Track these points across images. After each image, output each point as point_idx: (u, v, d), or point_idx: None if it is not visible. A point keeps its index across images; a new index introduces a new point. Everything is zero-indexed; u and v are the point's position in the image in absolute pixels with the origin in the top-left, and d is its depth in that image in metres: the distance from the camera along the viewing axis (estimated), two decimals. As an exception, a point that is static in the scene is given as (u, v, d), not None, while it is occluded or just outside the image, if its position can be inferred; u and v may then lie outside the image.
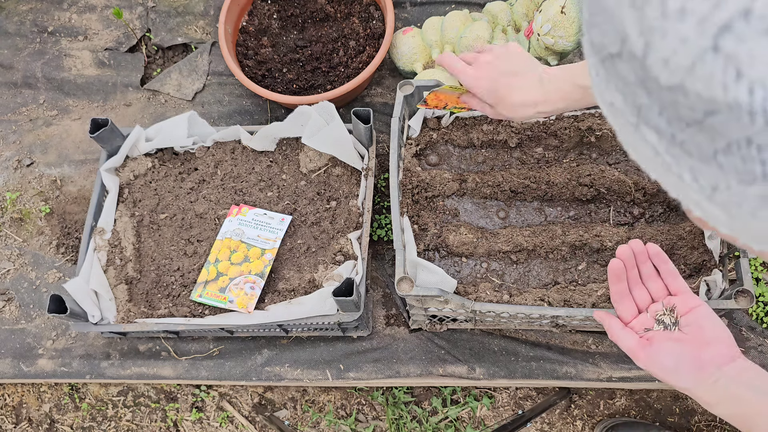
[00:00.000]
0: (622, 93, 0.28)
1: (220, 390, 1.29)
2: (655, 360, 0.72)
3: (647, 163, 0.31)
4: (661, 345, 0.72)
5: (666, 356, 0.71)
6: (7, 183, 1.35)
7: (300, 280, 1.08)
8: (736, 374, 0.69)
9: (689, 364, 0.70)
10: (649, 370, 0.72)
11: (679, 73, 0.24)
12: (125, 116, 1.38)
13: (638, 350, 0.73)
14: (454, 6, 1.39)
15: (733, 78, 0.23)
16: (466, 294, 0.97)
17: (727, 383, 0.69)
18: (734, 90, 0.23)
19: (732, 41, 0.23)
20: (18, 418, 1.30)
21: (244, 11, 1.35)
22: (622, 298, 0.79)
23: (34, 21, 1.49)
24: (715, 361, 0.70)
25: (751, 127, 0.24)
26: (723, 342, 0.71)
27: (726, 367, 0.69)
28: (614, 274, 0.78)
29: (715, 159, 0.26)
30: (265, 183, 1.18)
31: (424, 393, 1.25)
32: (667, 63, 0.25)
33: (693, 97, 0.25)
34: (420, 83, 1.04)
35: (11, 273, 1.27)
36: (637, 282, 0.80)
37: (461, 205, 1.08)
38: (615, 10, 0.26)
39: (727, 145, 0.25)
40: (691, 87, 0.24)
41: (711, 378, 0.69)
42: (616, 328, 0.77)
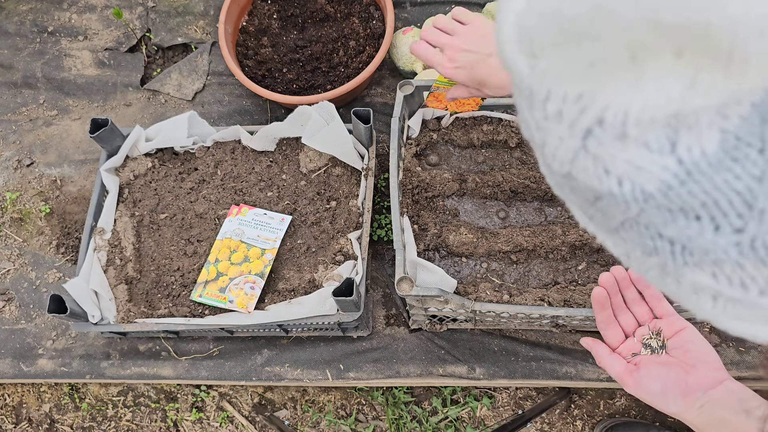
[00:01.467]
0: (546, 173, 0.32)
1: (220, 390, 1.29)
2: (642, 385, 0.72)
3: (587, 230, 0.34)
4: (648, 370, 0.72)
5: (653, 381, 0.71)
6: (7, 183, 1.35)
7: (300, 280, 1.08)
8: (722, 397, 0.69)
9: (676, 389, 0.70)
10: (637, 395, 0.72)
11: (566, 164, 0.28)
12: (125, 116, 1.38)
13: (626, 376, 0.73)
14: (454, 6, 1.39)
15: (603, 172, 0.26)
16: (466, 294, 0.97)
17: (713, 407, 0.69)
18: (606, 182, 0.27)
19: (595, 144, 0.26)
20: (18, 418, 1.30)
21: (244, 11, 1.35)
22: (608, 325, 0.79)
23: (34, 21, 1.49)
24: (702, 384, 0.70)
25: (629, 211, 0.27)
26: (709, 365, 0.71)
27: (712, 391, 0.69)
28: (598, 302, 0.79)
29: (618, 233, 0.30)
30: (265, 183, 1.18)
31: (424, 393, 1.25)
32: (555, 156, 0.28)
33: (582, 184, 0.28)
34: (420, 83, 1.04)
35: (11, 273, 1.27)
36: (622, 307, 0.80)
37: (461, 205, 1.08)
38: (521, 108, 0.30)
39: (621, 224, 0.29)
40: (577, 176, 0.28)
41: (698, 402, 0.69)
42: (603, 355, 0.77)
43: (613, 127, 0.25)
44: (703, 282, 0.28)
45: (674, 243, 0.27)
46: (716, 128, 0.24)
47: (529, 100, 0.28)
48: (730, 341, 1.09)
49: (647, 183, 0.26)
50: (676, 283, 0.30)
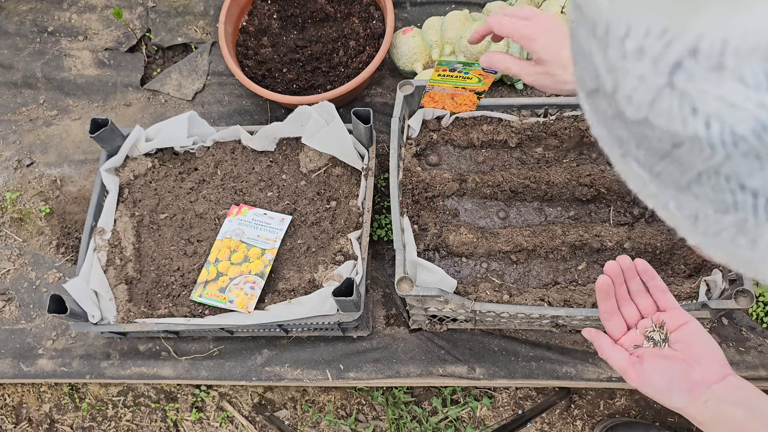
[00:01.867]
0: (606, 127, 0.30)
1: (220, 390, 1.29)
2: (646, 379, 0.71)
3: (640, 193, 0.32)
4: (652, 363, 0.72)
5: (657, 375, 0.71)
6: (7, 183, 1.35)
7: (300, 280, 1.08)
8: (726, 393, 0.68)
9: (680, 384, 0.70)
10: (640, 388, 0.72)
11: (643, 108, 0.26)
12: (125, 116, 1.38)
13: (629, 368, 0.73)
14: (454, 6, 1.39)
15: (690, 113, 0.24)
16: (466, 294, 0.97)
17: (717, 403, 0.68)
18: (692, 124, 0.24)
19: (684, 78, 0.24)
20: (18, 418, 1.30)
21: (244, 11, 1.35)
22: (611, 316, 0.78)
23: (34, 21, 1.49)
24: (706, 379, 0.69)
25: (713, 159, 0.25)
26: (714, 359, 0.71)
27: (716, 386, 0.69)
28: (602, 291, 0.78)
29: (689, 189, 0.27)
30: (265, 183, 1.18)
31: (424, 393, 1.25)
32: (631, 100, 0.26)
33: (658, 131, 0.26)
34: (420, 83, 1.04)
35: (11, 273, 1.27)
36: (626, 298, 0.79)
37: (461, 205, 1.08)
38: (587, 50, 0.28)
39: (697, 176, 0.27)
40: (655, 121, 0.26)
41: (702, 397, 0.69)
42: (606, 346, 0.76)
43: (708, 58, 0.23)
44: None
45: (758, 196, 0.25)
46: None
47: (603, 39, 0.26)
48: (730, 341, 1.09)
49: (739, 123, 0.23)
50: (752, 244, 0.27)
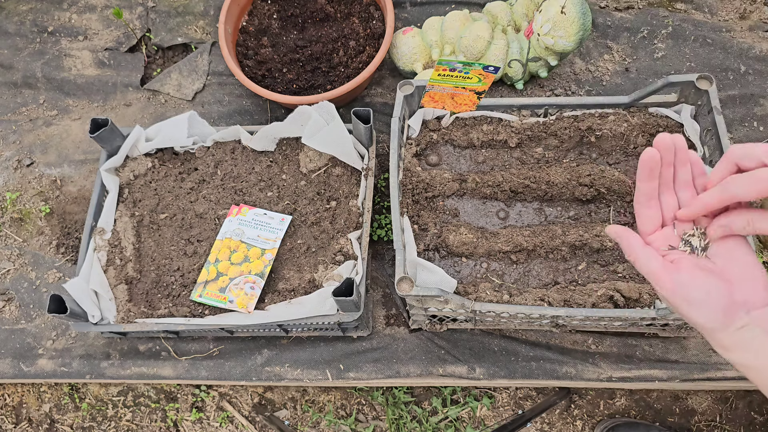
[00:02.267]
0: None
1: (220, 390, 1.29)
2: (682, 290, 0.62)
3: None
4: (690, 274, 0.62)
5: (695, 289, 0.62)
6: (7, 183, 1.35)
7: (300, 280, 1.08)
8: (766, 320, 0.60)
9: (718, 302, 0.61)
10: (671, 299, 0.63)
11: None
12: (125, 116, 1.38)
13: (663, 274, 0.62)
14: (454, 6, 1.39)
15: None
16: (466, 294, 0.97)
17: (754, 331, 0.61)
18: None
19: None
20: (18, 418, 1.30)
21: (244, 11, 1.35)
22: (649, 201, 0.67)
23: (34, 21, 1.49)
24: (748, 303, 0.61)
25: None
26: (758, 282, 0.62)
27: (756, 312, 0.61)
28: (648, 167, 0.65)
29: None
30: (265, 183, 1.18)
31: (424, 393, 1.25)
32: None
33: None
34: (420, 83, 1.04)
35: (11, 273, 1.27)
36: (669, 185, 0.67)
37: (461, 205, 1.08)
38: None
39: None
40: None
41: (738, 322, 0.61)
42: (636, 246, 0.65)
43: None
44: None
45: None
46: None
47: None
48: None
49: None
50: None
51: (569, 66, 1.32)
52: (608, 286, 0.96)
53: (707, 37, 1.32)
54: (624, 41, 1.34)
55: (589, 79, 1.31)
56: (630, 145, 1.07)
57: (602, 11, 1.37)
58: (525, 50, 1.22)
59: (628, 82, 1.30)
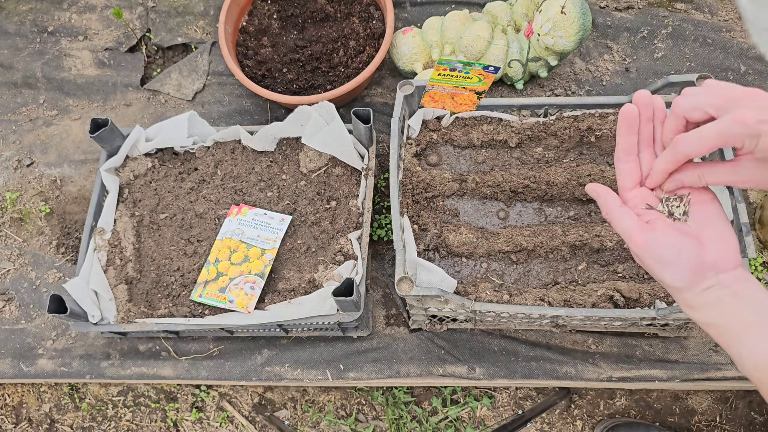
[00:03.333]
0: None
1: (220, 390, 1.29)
2: (653, 249, 0.63)
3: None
4: (663, 233, 0.64)
5: (666, 248, 0.63)
6: (7, 183, 1.35)
7: (300, 280, 1.08)
8: (733, 283, 0.63)
9: (688, 263, 0.63)
10: (642, 257, 0.64)
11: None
12: (125, 116, 1.38)
13: (636, 233, 0.64)
14: (454, 6, 1.39)
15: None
16: (466, 294, 0.97)
17: (720, 292, 0.62)
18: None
19: None
20: (18, 418, 1.30)
21: (244, 11, 1.35)
22: (628, 156, 0.68)
23: (34, 21, 1.49)
24: (717, 265, 0.63)
25: None
26: (729, 246, 0.64)
27: (725, 275, 0.63)
28: (626, 121, 0.67)
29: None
30: (265, 183, 1.18)
31: (424, 393, 1.25)
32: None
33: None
34: (420, 83, 1.04)
35: (11, 273, 1.27)
36: (649, 143, 0.68)
37: (461, 205, 1.08)
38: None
39: None
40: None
41: (706, 282, 0.63)
42: (613, 205, 0.67)
43: None
44: None
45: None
46: None
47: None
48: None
49: None
50: None
51: (569, 66, 1.32)
52: (608, 286, 0.96)
53: (707, 37, 1.32)
54: (624, 41, 1.34)
55: (589, 79, 1.31)
56: (630, 145, 1.07)
57: (602, 11, 1.37)
58: (525, 50, 1.22)
59: (628, 82, 1.30)
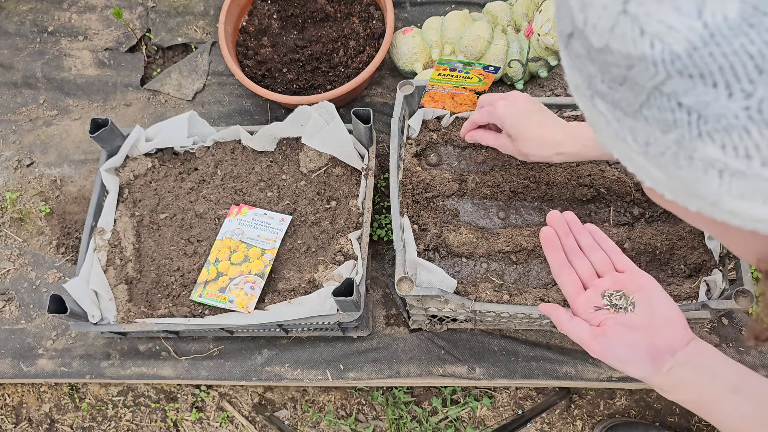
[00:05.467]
0: (578, 69, 0.35)
1: (220, 390, 1.29)
2: (609, 350, 0.69)
3: (606, 137, 0.37)
4: (615, 334, 0.69)
5: (620, 347, 0.68)
6: (7, 183, 1.35)
7: (300, 280, 1.08)
8: (689, 359, 0.67)
9: (644, 353, 0.68)
10: (604, 359, 0.69)
11: (605, 34, 0.31)
12: (125, 116, 1.38)
13: (591, 341, 0.70)
14: (454, 6, 1.39)
15: (639, 34, 0.30)
16: (466, 294, 0.97)
17: (680, 370, 0.67)
18: (640, 44, 0.30)
19: (635, 5, 0.30)
20: (18, 418, 1.30)
21: (244, 11, 1.35)
22: (562, 269, 0.75)
23: (34, 21, 1.49)
24: (670, 347, 0.67)
25: (657, 76, 0.30)
26: (676, 325, 0.68)
27: (680, 353, 0.67)
28: (547, 241, 0.74)
29: (641, 112, 0.33)
30: (265, 183, 1.18)
31: (424, 393, 1.25)
32: (596, 28, 0.32)
33: (616, 54, 0.31)
34: (420, 83, 1.04)
35: (11, 273, 1.27)
36: (576, 251, 0.76)
37: (461, 205, 1.08)
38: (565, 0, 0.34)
39: (647, 98, 0.32)
40: (613, 46, 0.31)
41: (666, 366, 0.67)
42: (564, 320, 0.73)
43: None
44: (713, 155, 0.31)
45: (691, 112, 0.30)
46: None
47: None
48: (730, 341, 1.09)
49: (676, 43, 0.29)
50: (689, 160, 0.32)
51: (569, 66, 1.32)
52: None
53: (707, 37, 1.32)
54: (624, 41, 1.34)
55: (589, 79, 1.31)
56: (630, 145, 1.06)
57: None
58: (525, 50, 1.22)
59: (628, 82, 1.30)
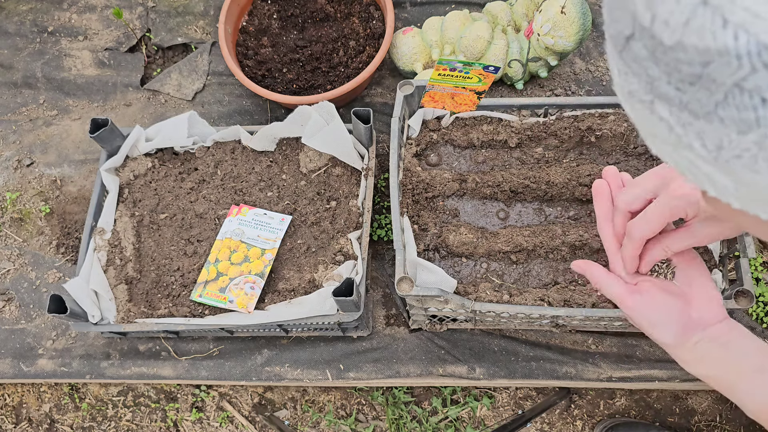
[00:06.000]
0: (637, 74, 0.33)
1: (220, 390, 1.29)
2: (642, 310, 0.69)
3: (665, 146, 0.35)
4: (651, 296, 0.69)
5: (655, 310, 0.68)
6: (7, 183, 1.35)
7: (300, 280, 1.08)
8: (720, 335, 0.67)
9: (676, 321, 0.67)
10: (634, 318, 0.69)
11: (678, 29, 0.29)
12: (125, 116, 1.38)
13: (626, 297, 0.69)
14: (454, 6, 1.39)
15: (720, 26, 0.27)
16: (466, 294, 0.97)
17: (709, 344, 0.66)
18: (722, 37, 0.27)
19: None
20: (18, 418, 1.30)
21: (244, 11, 1.35)
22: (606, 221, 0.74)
23: (34, 21, 1.49)
24: (703, 321, 0.67)
25: (739, 71, 0.28)
26: (713, 301, 0.68)
27: (711, 328, 0.67)
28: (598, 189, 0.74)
29: (716, 113, 0.30)
30: (265, 183, 1.18)
31: (424, 393, 1.25)
32: (668, 23, 0.29)
33: (691, 51, 0.29)
34: (420, 83, 1.04)
35: (11, 273, 1.27)
36: None
37: (461, 205, 1.08)
38: None
39: (724, 97, 0.29)
40: (688, 41, 0.29)
41: (695, 338, 0.67)
42: (601, 274, 0.72)
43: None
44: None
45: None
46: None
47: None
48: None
49: (763, 33, 0.26)
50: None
51: (569, 66, 1.32)
52: None
53: (707, 37, 1.32)
54: (624, 41, 1.34)
55: (589, 79, 1.31)
56: (630, 145, 1.07)
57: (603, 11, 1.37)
58: (525, 50, 1.22)
59: (628, 82, 1.30)
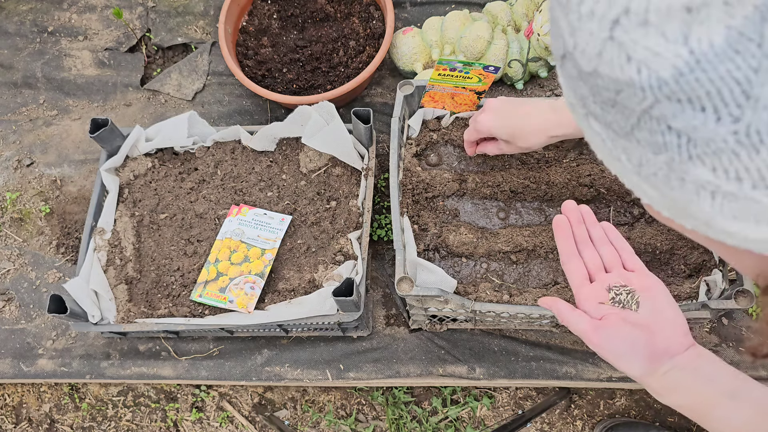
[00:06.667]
0: (573, 90, 0.35)
1: (220, 390, 1.29)
2: (607, 343, 0.68)
3: (602, 155, 0.37)
4: (615, 328, 0.69)
5: (620, 342, 0.68)
6: (7, 183, 1.35)
7: (300, 280, 1.08)
8: (688, 362, 0.67)
9: (642, 351, 0.67)
10: (601, 353, 0.69)
11: (593, 60, 0.31)
12: (125, 116, 1.38)
13: (591, 332, 0.69)
14: (454, 6, 1.39)
15: (625, 61, 0.30)
16: (466, 294, 0.97)
17: (678, 374, 0.66)
18: (627, 70, 0.30)
19: (620, 32, 0.30)
20: (18, 418, 1.30)
21: (244, 11, 1.35)
22: (570, 257, 0.75)
23: (34, 21, 1.49)
24: (670, 350, 0.67)
25: (644, 101, 0.30)
26: (679, 328, 0.68)
27: (678, 357, 0.67)
28: (559, 228, 0.75)
29: (633, 135, 0.33)
30: (265, 183, 1.18)
31: (424, 393, 1.25)
32: (584, 53, 0.32)
33: (606, 78, 0.31)
34: (420, 83, 1.04)
35: (11, 273, 1.27)
36: (587, 242, 0.76)
37: (461, 205, 1.08)
38: (557, 21, 0.34)
39: (637, 121, 0.32)
40: (602, 71, 0.31)
41: (663, 368, 0.67)
42: (565, 310, 0.72)
43: (636, 15, 0.29)
44: (704, 177, 0.31)
45: (681, 135, 0.30)
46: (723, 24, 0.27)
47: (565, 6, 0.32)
48: (730, 341, 1.09)
49: (662, 70, 0.29)
50: (680, 182, 0.32)
51: (569, 66, 1.32)
52: None
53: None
54: (624, 41, 1.34)
55: (589, 79, 1.31)
56: (630, 145, 1.06)
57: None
58: (525, 50, 1.22)
59: (628, 82, 1.30)
